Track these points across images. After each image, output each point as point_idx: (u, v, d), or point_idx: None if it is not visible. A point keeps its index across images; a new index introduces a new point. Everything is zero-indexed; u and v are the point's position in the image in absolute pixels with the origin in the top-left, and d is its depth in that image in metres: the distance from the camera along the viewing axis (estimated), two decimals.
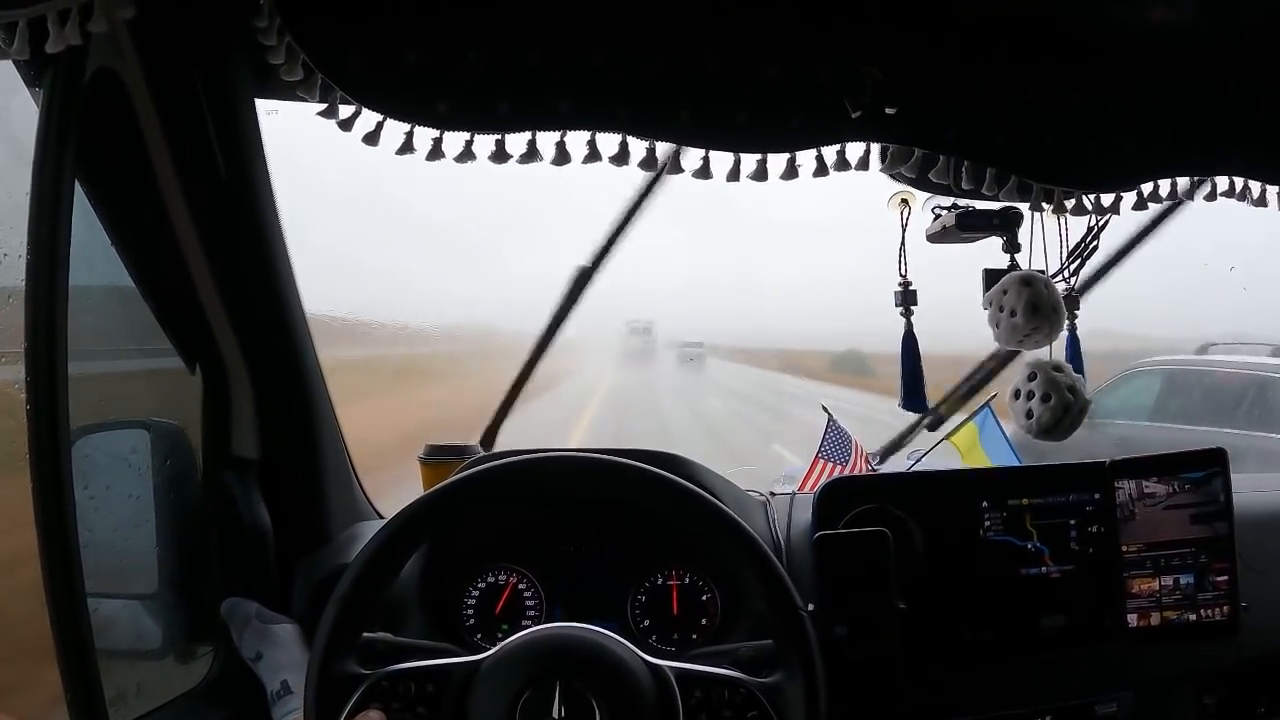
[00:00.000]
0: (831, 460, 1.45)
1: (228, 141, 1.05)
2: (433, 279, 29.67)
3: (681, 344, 24.77)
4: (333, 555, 1.23)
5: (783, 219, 77.97)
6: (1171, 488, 1.18)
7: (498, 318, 17.20)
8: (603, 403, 12.72)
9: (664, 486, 0.93)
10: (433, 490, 0.94)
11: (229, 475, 1.19)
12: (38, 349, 0.86)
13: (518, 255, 26.43)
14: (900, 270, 1.20)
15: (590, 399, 12.71)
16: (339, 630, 0.87)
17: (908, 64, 1.00)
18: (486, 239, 28.06)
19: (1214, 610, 1.17)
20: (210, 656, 1.21)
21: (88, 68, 0.90)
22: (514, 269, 37.03)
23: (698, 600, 1.20)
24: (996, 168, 1.06)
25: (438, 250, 22.05)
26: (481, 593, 1.20)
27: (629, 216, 1.40)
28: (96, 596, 0.98)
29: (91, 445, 1.07)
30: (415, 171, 1.14)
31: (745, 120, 0.97)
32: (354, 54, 0.91)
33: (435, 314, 15.41)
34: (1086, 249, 1.23)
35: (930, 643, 1.14)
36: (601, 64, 0.94)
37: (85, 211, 1.01)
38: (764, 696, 0.87)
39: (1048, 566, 1.18)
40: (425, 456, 1.37)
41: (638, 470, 0.93)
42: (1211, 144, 1.15)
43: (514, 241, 27.42)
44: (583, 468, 0.97)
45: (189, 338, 1.16)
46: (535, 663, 0.86)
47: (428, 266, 20.45)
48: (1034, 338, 1.20)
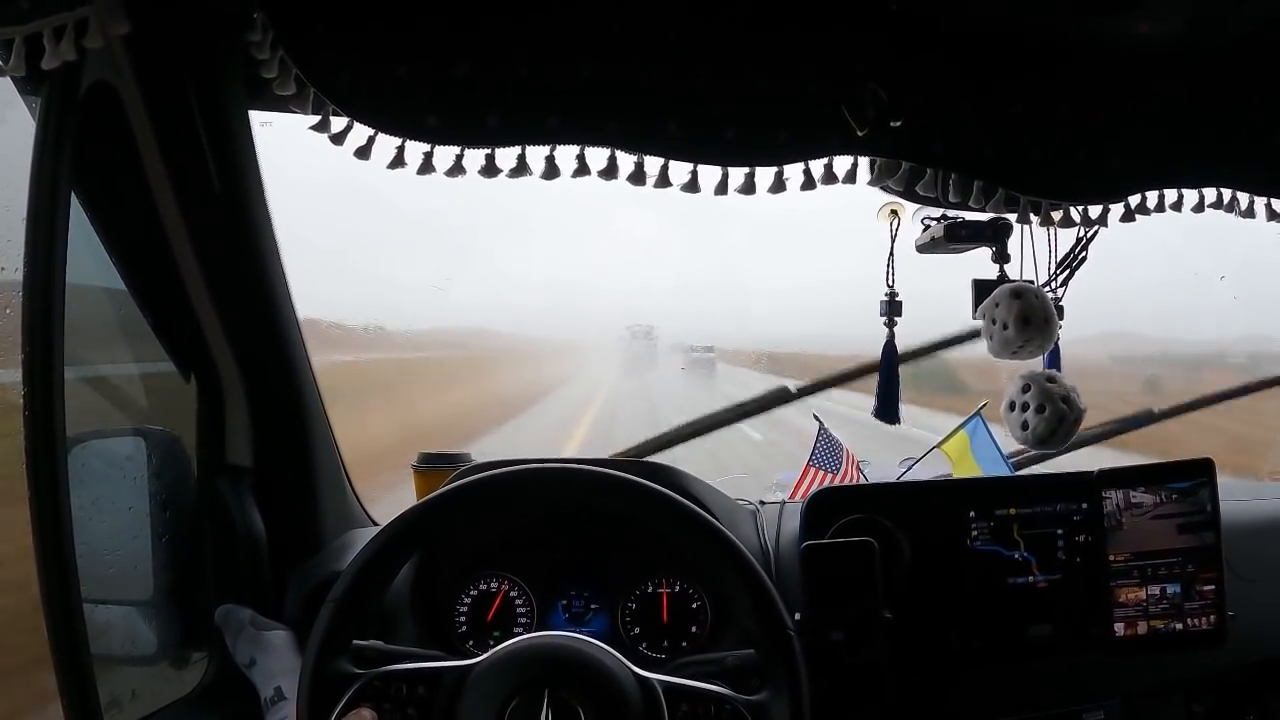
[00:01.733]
0: (823, 468, 1.46)
1: (221, 153, 1.07)
2: (423, 282, 29.49)
3: (689, 348, 22.38)
4: (326, 562, 1.23)
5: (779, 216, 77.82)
6: (1159, 497, 1.19)
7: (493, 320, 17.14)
8: (600, 411, 12.46)
9: (652, 498, 0.94)
10: (427, 498, 0.95)
11: (223, 482, 1.20)
12: (34, 358, 0.88)
13: (509, 257, 26.22)
14: (888, 281, 1.21)
15: (585, 410, 12.48)
16: (333, 630, 0.88)
17: (896, 78, 1.01)
18: (476, 240, 27.89)
19: (1201, 620, 1.18)
20: (204, 662, 1.22)
21: (83, 82, 0.92)
22: (505, 269, 36.81)
23: (688, 609, 1.21)
24: (984, 180, 1.07)
25: (430, 251, 21.95)
26: (473, 600, 1.21)
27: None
28: (92, 602, 1.00)
29: (87, 453, 1.09)
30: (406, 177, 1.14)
31: (733, 134, 0.98)
32: (346, 68, 0.93)
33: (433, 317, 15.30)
34: (1075, 259, 1.24)
35: (918, 652, 1.15)
36: (589, 78, 0.95)
37: (81, 222, 1.02)
38: (749, 713, 0.88)
39: (1035, 576, 1.18)
40: (419, 464, 1.38)
41: (625, 481, 0.94)
42: (1199, 156, 1.15)
43: (504, 242, 27.23)
44: (571, 478, 0.97)
45: (184, 346, 1.17)
46: (525, 670, 0.87)
47: (420, 269, 20.42)
48: (1027, 349, 1.20)
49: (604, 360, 22.08)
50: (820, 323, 24.30)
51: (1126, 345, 8.40)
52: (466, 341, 12.27)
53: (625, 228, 61.26)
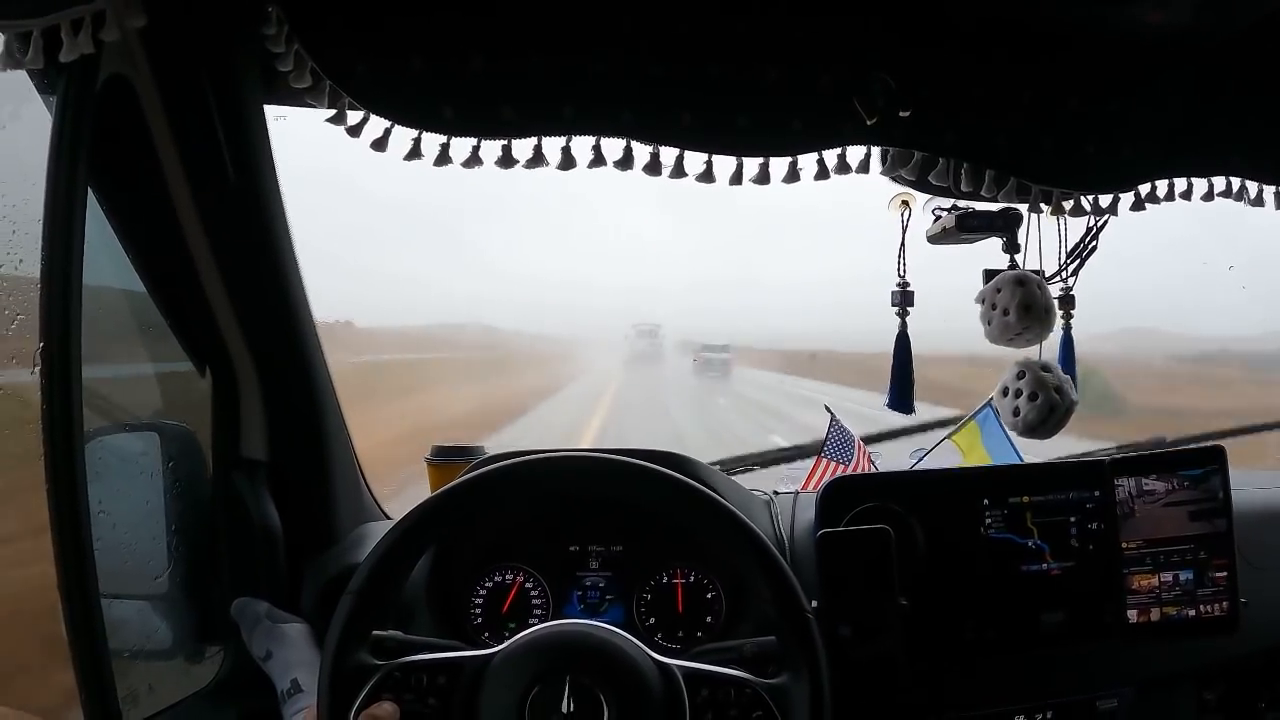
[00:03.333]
0: (834, 459, 1.46)
1: (237, 147, 1.07)
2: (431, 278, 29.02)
3: (702, 346, 20.07)
4: (341, 555, 1.24)
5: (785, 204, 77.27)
6: (1170, 485, 1.19)
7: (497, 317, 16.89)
8: (605, 413, 12.29)
9: (670, 486, 0.94)
10: (443, 489, 0.95)
11: (238, 477, 1.20)
12: (52, 353, 0.88)
13: (507, 252, 25.68)
14: (899, 271, 1.22)
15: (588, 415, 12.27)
16: (354, 621, 0.88)
17: (908, 68, 1.01)
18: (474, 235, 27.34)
19: (1214, 606, 1.19)
20: (220, 656, 1.22)
21: (100, 75, 0.92)
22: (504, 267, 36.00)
23: (703, 598, 1.21)
24: (996, 169, 1.08)
25: (433, 248, 21.42)
26: (489, 592, 1.21)
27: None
28: (109, 597, 1.00)
29: (103, 447, 1.09)
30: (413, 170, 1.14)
31: (747, 124, 0.99)
32: (361, 61, 0.93)
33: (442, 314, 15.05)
34: (1086, 249, 1.25)
35: (932, 640, 1.15)
36: (604, 69, 0.96)
37: (97, 217, 1.02)
38: (770, 697, 0.87)
39: (1048, 564, 1.19)
40: (431, 457, 1.38)
41: (643, 470, 0.94)
42: (1209, 144, 1.16)
43: (500, 237, 26.52)
44: (588, 468, 0.98)
45: (199, 341, 1.17)
46: (545, 658, 0.87)
47: (425, 266, 19.81)
48: (1025, 336, 1.22)
49: (608, 361, 21.76)
50: (836, 318, 23.76)
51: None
52: (465, 339, 12.09)
53: (634, 228, 61.80)
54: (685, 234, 58.25)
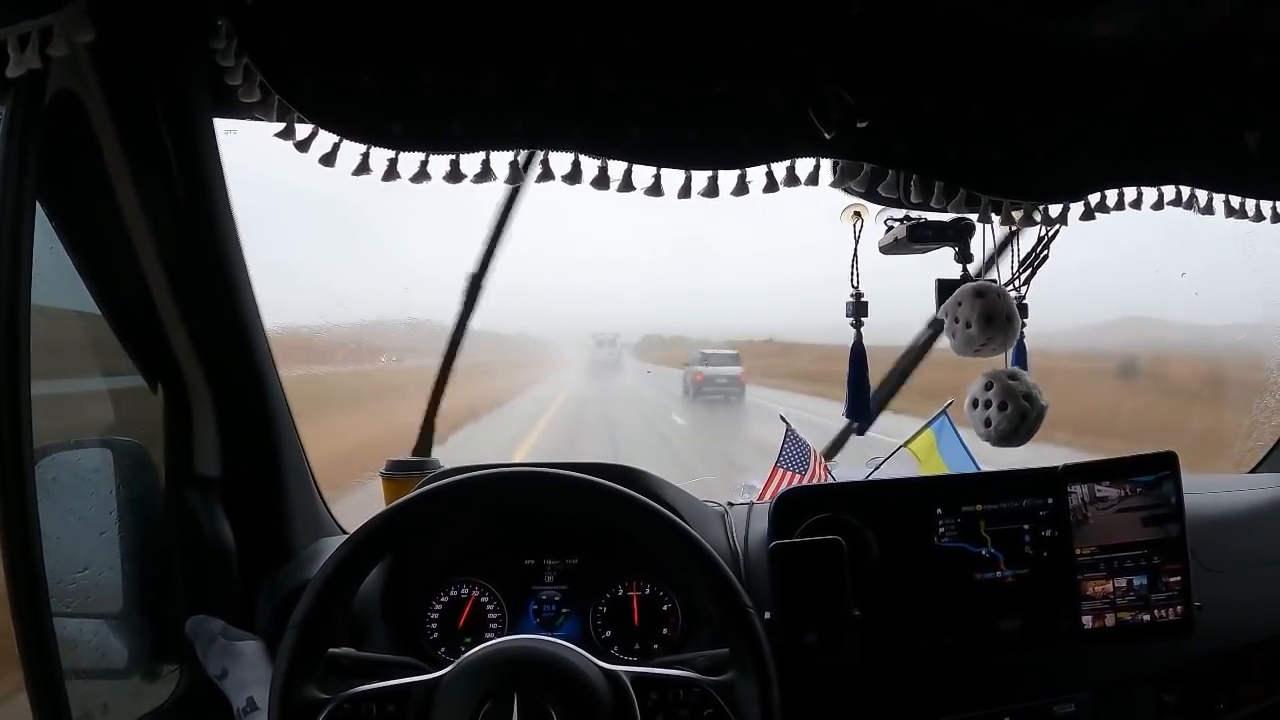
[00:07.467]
0: (791, 469, 1.47)
1: (187, 161, 1.07)
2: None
3: (700, 356, 14.29)
4: (296, 571, 1.23)
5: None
6: (1123, 491, 1.21)
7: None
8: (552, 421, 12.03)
9: (613, 499, 0.94)
10: (392, 506, 0.95)
11: (192, 493, 1.19)
12: (0, 370, 0.87)
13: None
14: (852, 282, 1.22)
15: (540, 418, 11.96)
16: (298, 656, 0.87)
17: (858, 82, 1.02)
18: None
19: (1168, 610, 1.20)
20: (176, 674, 1.21)
21: (48, 90, 0.91)
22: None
23: (658, 610, 1.21)
24: (945, 181, 1.08)
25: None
26: (444, 606, 1.20)
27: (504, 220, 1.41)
28: (62, 616, 0.99)
29: (54, 465, 1.08)
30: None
31: (696, 138, 0.99)
32: (310, 75, 0.93)
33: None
34: (1037, 258, 1.26)
35: (888, 648, 1.16)
36: (554, 84, 0.96)
37: (46, 232, 1.01)
38: (718, 694, 0.88)
39: (1002, 571, 1.20)
40: (386, 472, 1.38)
41: (588, 484, 0.95)
42: (1158, 154, 1.18)
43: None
44: (537, 482, 0.98)
45: (150, 356, 1.16)
46: (491, 677, 0.87)
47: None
48: (990, 346, 1.22)
49: (567, 370, 21.87)
50: (795, 315, 23.41)
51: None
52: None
53: (595, 236, 60.64)
54: (644, 242, 57.52)
